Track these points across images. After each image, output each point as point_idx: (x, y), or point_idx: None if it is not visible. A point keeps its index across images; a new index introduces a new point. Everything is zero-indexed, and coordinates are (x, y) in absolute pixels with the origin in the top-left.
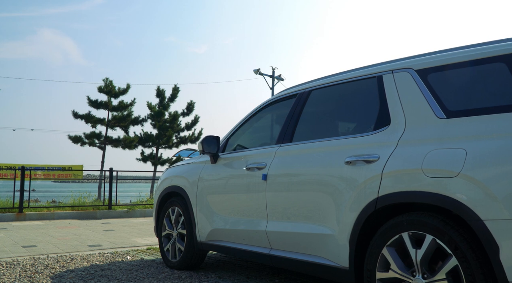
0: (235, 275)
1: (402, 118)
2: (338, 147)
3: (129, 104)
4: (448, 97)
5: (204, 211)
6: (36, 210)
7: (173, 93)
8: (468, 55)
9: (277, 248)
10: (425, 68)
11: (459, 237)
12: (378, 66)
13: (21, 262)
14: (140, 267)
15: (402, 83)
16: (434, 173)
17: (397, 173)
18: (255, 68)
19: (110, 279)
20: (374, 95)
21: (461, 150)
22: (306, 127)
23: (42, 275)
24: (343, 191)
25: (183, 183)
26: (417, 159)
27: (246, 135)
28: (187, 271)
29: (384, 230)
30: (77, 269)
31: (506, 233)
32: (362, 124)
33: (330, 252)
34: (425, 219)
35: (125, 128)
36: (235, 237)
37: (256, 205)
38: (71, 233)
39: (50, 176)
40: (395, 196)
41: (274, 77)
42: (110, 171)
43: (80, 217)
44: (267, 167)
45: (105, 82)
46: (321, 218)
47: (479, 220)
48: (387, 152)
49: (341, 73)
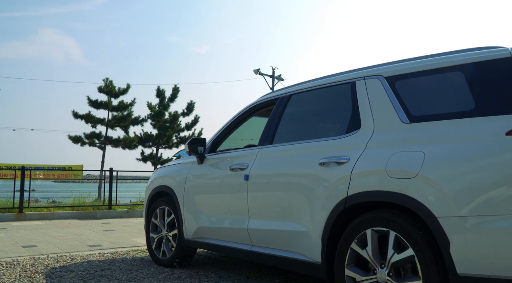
0: (235, 275)
1: (371, 122)
2: (313, 149)
3: (129, 104)
4: (412, 103)
5: (191, 210)
6: (36, 210)
7: (173, 93)
8: (430, 64)
9: (257, 245)
10: (393, 76)
11: (416, 232)
12: (352, 73)
13: (21, 262)
14: (140, 267)
15: (372, 89)
16: (396, 174)
17: (364, 174)
18: (255, 68)
19: (110, 279)
20: (348, 100)
21: (420, 153)
22: (286, 130)
23: (42, 275)
24: (317, 190)
25: (171, 183)
26: (382, 161)
27: (231, 137)
28: (187, 271)
29: (352, 228)
30: (77, 269)
31: (455, 229)
32: (336, 127)
33: (305, 248)
34: (387, 216)
35: (125, 128)
36: (220, 235)
37: (238, 204)
38: (71, 233)
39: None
40: (362, 195)
41: (274, 77)
42: (110, 171)
43: (80, 217)
44: (249, 168)
45: (105, 82)
46: (297, 216)
47: (433, 217)
48: (357, 154)
49: (319, 78)
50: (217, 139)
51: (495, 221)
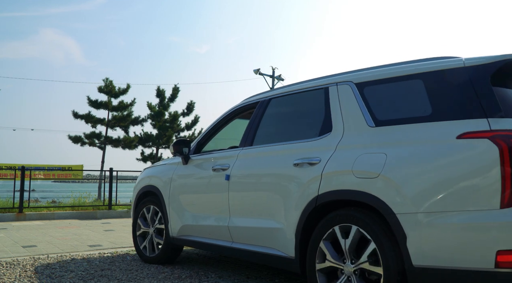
0: (235, 275)
1: (341, 126)
2: (289, 150)
3: (129, 104)
4: (378, 108)
5: (176, 209)
6: (36, 210)
7: (173, 93)
8: (394, 72)
9: (237, 241)
10: (362, 82)
11: (378, 227)
12: (326, 79)
13: (21, 262)
14: (140, 267)
15: (343, 94)
16: (361, 174)
17: (333, 174)
18: (255, 68)
19: (110, 279)
20: (321, 104)
21: (383, 155)
22: (265, 132)
23: (42, 275)
24: (291, 189)
25: (157, 183)
26: (349, 162)
27: (215, 138)
28: (187, 271)
29: (321, 225)
30: (77, 269)
31: (412, 224)
32: (310, 130)
33: (280, 244)
34: (353, 213)
35: (125, 128)
36: (203, 232)
37: (220, 203)
38: (71, 233)
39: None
40: (331, 194)
41: (274, 77)
42: (110, 171)
43: (80, 217)
44: (230, 168)
45: (105, 82)
46: (273, 214)
47: (393, 213)
48: (327, 156)
49: (297, 83)
50: (201, 141)
51: (446, 217)
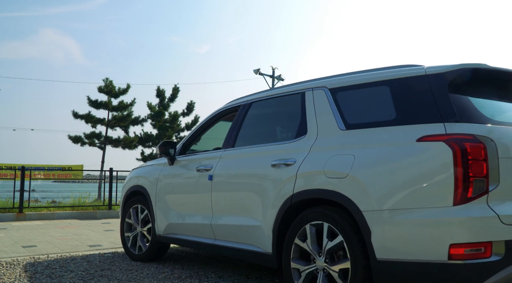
0: (235, 275)
1: (315, 129)
2: (267, 152)
3: (129, 104)
4: (349, 112)
5: (162, 208)
6: (36, 210)
7: (173, 93)
8: (363, 78)
9: (220, 239)
10: (335, 87)
11: (346, 223)
12: (303, 84)
13: (21, 262)
14: (140, 267)
15: (318, 99)
16: (331, 174)
17: (307, 174)
18: (255, 68)
19: (110, 279)
20: (298, 108)
21: (351, 156)
22: (246, 134)
23: (42, 275)
24: (269, 189)
25: (145, 183)
26: (321, 163)
27: (200, 140)
28: (187, 271)
29: (296, 223)
30: (77, 269)
31: (376, 221)
32: (287, 132)
33: (259, 240)
34: (323, 211)
35: (125, 128)
36: (187, 230)
37: (203, 202)
38: (71, 233)
39: (50, 176)
40: (304, 193)
41: (274, 77)
42: (110, 171)
43: (80, 217)
44: (213, 169)
45: (105, 82)
46: (252, 212)
47: (359, 211)
48: (302, 157)
49: (277, 88)
50: (187, 142)
51: (406, 214)
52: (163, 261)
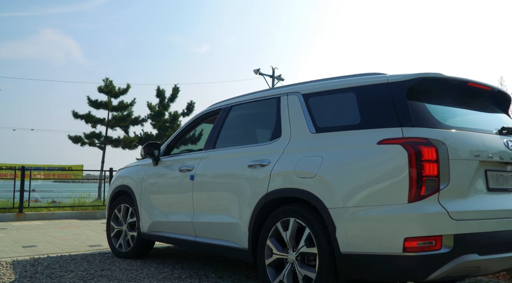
0: (235, 275)
1: (289, 132)
2: (244, 153)
3: (129, 104)
4: (319, 116)
5: (146, 207)
6: (36, 210)
7: (173, 93)
8: (332, 85)
9: (200, 236)
10: (307, 93)
11: (314, 220)
12: (279, 89)
13: (21, 262)
14: (140, 267)
15: (292, 103)
16: (301, 174)
17: (279, 174)
18: (255, 68)
19: (110, 279)
20: (273, 112)
21: (319, 157)
22: (226, 136)
23: (42, 275)
24: (246, 188)
25: (130, 183)
26: (293, 164)
27: (183, 141)
28: (187, 271)
29: (267, 223)
30: (77, 269)
31: (340, 217)
32: (263, 135)
33: (236, 237)
34: (294, 208)
35: (125, 128)
36: (170, 228)
37: (185, 201)
38: (71, 233)
39: (50, 176)
40: (277, 192)
41: (274, 77)
42: (110, 171)
43: (80, 217)
44: (194, 169)
45: (105, 82)
46: (230, 210)
47: (325, 208)
48: (276, 158)
49: (255, 92)
50: (171, 143)
51: (366, 211)
52: (163, 261)
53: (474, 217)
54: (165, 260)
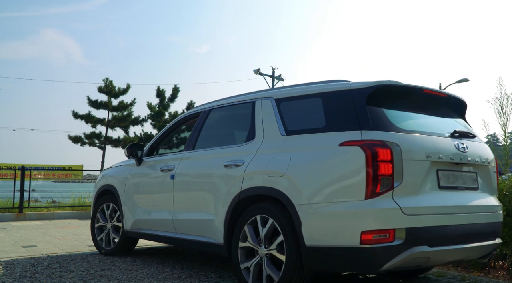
0: (235, 275)
1: (262, 134)
2: (221, 154)
3: (129, 104)
4: (289, 119)
5: (129, 205)
6: (36, 210)
7: (173, 93)
8: (300, 91)
9: (180, 232)
10: (279, 98)
11: (283, 216)
12: (254, 94)
13: (21, 262)
14: (140, 267)
15: (265, 108)
16: (272, 174)
17: (252, 173)
18: (255, 68)
19: (110, 279)
20: (249, 115)
21: (288, 158)
22: (205, 138)
23: (42, 275)
24: (221, 187)
25: (114, 182)
26: (264, 164)
27: (165, 143)
28: (187, 271)
29: (246, 213)
30: (77, 269)
31: (305, 213)
32: (239, 137)
33: (213, 233)
34: (265, 205)
35: (125, 128)
36: (152, 225)
37: (166, 199)
38: (71, 233)
39: (50, 176)
40: (250, 190)
41: (274, 77)
42: None
43: (80, 217)
44: (175, 169)
45: (105, 82)
46: (207, 207)
47: (292, 205)
48: (249, 159)
49: (232, 96)
50: (154, 145)
51: (328, 207)
52: (163, 261)
53: (424, 212)
54: (165, 260)
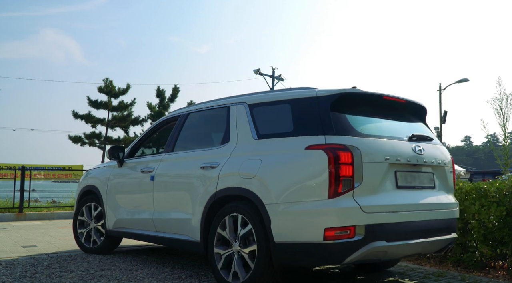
0: None
1: (236, 137)
2: (198, 156)
3: (129, 104)
4: (261, 124)
5: (111, 205)
6: (36, 210)
7: (173, 93)
8: (271, 96)
9: (160, 231)
10: (252, 103)
11: (254, 215)
12: (229, 99)
13: (21, 262)
14: (140, 267)
15: (239, 112)
16: (244, 175)
17: (226, 175)
18: (255, 68)
19: (110, 279)
20: (224, 119)
21: (259, 160)
22: (183, 140)
23: (42, 275)
24: (198, 187)
25: (97, 183)
26: (237, 166)
27: (146, 145)
28: (187, 271)
29: (218, 215)
30: (77, 269)
31: (274, 212)
32: (215, 140)
33: (190, 231)
34: (237, 205)
35: (125, 128)
36: (133, 224)
37: (146, 199)
38: (71, 233)
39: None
40: (224, 190)
41: (274, 77)
42: None
43: None
44: (154, 171)
45: (105, 82)
46: (185, 207)
47: (263, 204)
48: (224, 161)
49: (209, 101)
50: (135, 147)
51: (294, 206)
52: (163, 261)
53: (383, 210)
54: (165, 260)
